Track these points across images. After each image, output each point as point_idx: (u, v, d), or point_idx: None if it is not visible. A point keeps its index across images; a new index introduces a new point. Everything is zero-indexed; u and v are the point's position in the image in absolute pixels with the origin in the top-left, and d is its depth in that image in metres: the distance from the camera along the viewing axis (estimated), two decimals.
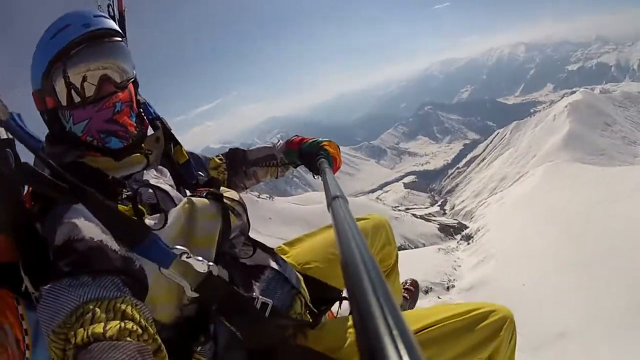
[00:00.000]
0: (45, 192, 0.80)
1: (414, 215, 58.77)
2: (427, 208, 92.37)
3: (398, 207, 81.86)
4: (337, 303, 1.43)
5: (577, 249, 22.18)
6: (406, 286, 2.21)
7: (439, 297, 17.78)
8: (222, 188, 1.11)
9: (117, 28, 1.01)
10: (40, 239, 0.83)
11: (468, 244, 31.66)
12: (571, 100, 77.89)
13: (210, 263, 0.89)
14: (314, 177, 1.24)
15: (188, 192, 1.06)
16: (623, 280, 17.94)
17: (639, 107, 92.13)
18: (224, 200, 1.01)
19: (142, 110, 1.11)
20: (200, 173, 1.22)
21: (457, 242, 34.67)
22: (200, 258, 0.86)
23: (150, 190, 0.93)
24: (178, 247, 0.84)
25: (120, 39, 1.00)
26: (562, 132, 63.20)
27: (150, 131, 1.10)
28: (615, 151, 60.40)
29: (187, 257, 0.84)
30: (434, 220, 57.86)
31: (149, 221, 0.86)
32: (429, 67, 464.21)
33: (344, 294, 1.42)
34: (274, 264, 1.18)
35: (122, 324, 0.65)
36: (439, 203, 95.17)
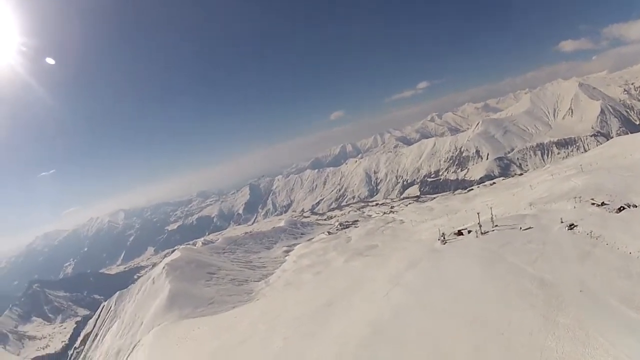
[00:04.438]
0: None
1: None
2: None
3: None
4: None
5: None
6: None
7: None
8: None
9: None
10: None
11: None
12: (169, 261, 77.88)
13: None
14: None
15: None
16: None
17: (245, 247, 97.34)
18: None
19: None
20: None
21: None
22: None
23: None
24: None
25: None
26: (164, 293, 61.19)
27: None
28: (226, 295, 61.26)
29: None
30: None
31: None
32: (33, 242, 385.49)
33: None
34: None
35: None
36: None
